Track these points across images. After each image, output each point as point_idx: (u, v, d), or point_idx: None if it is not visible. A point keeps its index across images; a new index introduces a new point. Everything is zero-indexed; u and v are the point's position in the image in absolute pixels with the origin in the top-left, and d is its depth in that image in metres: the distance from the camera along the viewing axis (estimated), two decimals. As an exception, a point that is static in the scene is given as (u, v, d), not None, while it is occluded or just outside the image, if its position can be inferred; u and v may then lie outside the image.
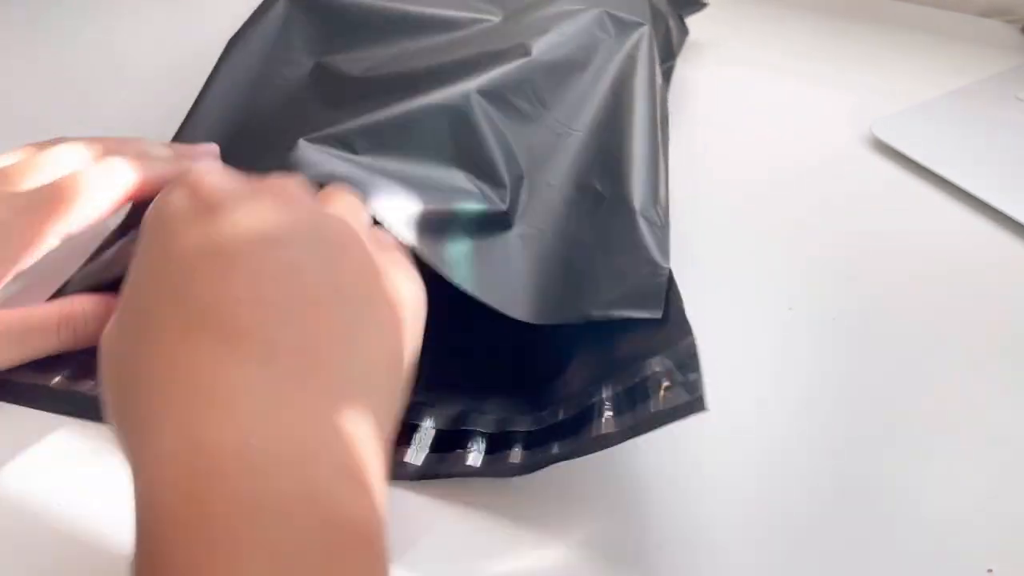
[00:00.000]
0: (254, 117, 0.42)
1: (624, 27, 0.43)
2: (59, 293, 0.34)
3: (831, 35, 0.59)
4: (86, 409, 0.31)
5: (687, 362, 0.29)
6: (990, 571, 0.29)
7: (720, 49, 0.56)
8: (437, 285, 0.31)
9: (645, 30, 0.43)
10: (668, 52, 0.50)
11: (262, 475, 0.19)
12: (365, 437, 0.21)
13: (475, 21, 0.44)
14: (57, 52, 0.53)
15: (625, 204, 0.36)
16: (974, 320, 0.38)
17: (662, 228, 0.36)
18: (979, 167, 0.46)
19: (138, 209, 0.32)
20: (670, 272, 0.33)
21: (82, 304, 0.31)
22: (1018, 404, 0.35)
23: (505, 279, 0.34)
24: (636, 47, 0.42)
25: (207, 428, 0.19)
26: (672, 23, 0.51)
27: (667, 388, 0.28)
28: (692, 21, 0.55)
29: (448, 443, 0.31)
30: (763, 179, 0.46)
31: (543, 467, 0.29)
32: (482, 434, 0.31)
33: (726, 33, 0.57)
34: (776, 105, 0.52)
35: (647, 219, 0.36)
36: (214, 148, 0.37)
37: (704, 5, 0.55)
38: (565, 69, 0.41)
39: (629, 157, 0.38)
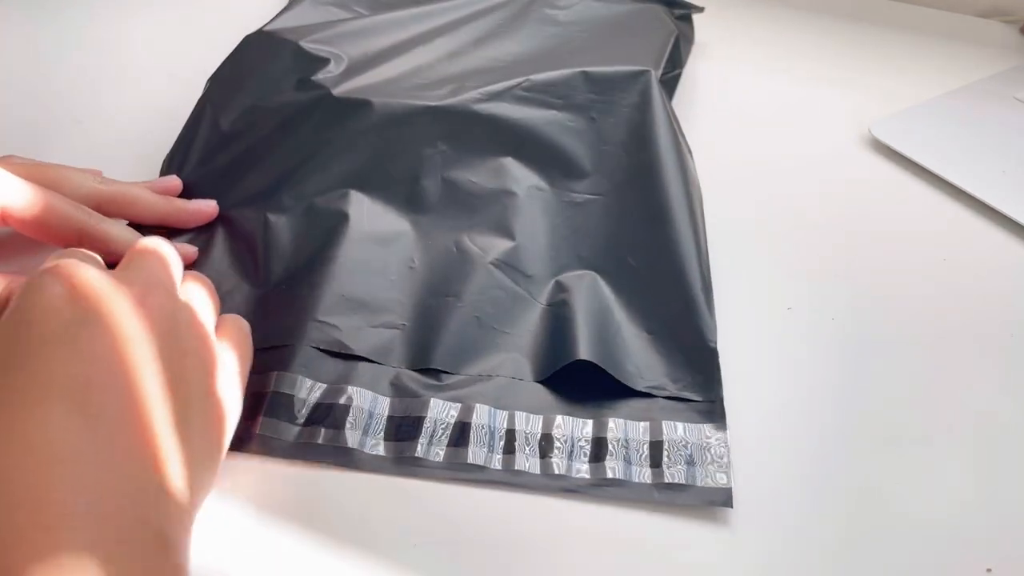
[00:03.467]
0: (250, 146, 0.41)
1: (618, 81, 0.43)
2: None
3: (830, 35, 0.59)
4: None
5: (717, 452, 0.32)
6: (989, 571, 0.29)
7: (719, 49, 0.56)
8: None
9: (650, 77, 0.43)
10: (677, 61, 0.50)
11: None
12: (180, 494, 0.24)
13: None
14: (61, 51, 0.53)
15: (671, 281, 0.36)
16: (972, 319, 0.38)
17: (707, 298, 0.36)
18: (977, 167, 0.46)
19: None
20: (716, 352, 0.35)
21: None
22: (1018, 403, 0.35)
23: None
24: (645, 96, 0.42)
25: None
26: (680, 33, 0.51)
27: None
28: (693, 21, 0.55)
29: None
30: (762, 179, 0.46)
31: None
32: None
33: (725, 33, 0.58)
34: (775, 105, 0.52)
35: (695, 297, 0.36)
36: (175, 183, 0.40)
37: (700, 10, 0.55)
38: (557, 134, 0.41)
39: (665, 227, 0.38)
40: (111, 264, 0.29)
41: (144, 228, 0.37)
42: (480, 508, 0.30)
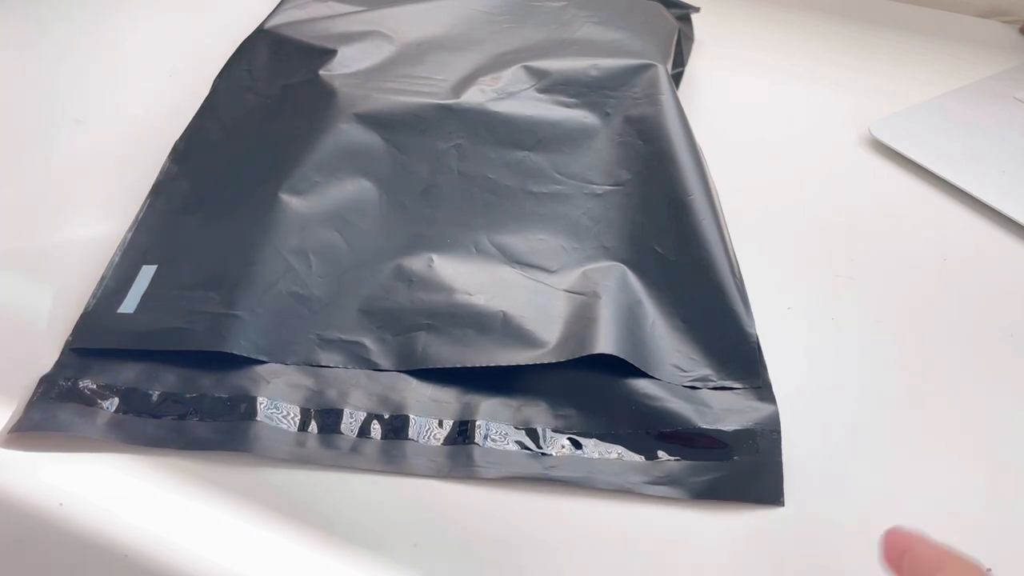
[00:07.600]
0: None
1: (630, 74, 0.42)
2: None
3: (830, 36, 0.59)
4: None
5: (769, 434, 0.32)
6: (989, 571, 0.29)
7: (719, 50, 0.56)
8: None
9: (660, 70, 0.42)
10: (679, 59, 0.50)
11: None
12: None
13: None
14: (61, 51, 0.53)
15: (702, 270, 0.36)
16: (973, 319, 0.38)
17: (739, 283, 0.36)
18: (977, 167, 0.46)
19: None
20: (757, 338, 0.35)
21: None
22: (1018, 403, 0.35)
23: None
24: (658, 88, 0.42)
25: None
26: (682, 33, 0.51)
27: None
28: (692, 21, 0.55)
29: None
30: (762, 180, 0.46)
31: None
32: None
33: (725, 34, 0.58)
34: (775, 106, 0.52)
35: (727, 284, 0.36)
36: None
37: (695, 10, 0.55)
38: (569, 131, 0.41)
39: (689, 214, 0.38)
40: None
41: None
42: (479, 508, 0.30)
